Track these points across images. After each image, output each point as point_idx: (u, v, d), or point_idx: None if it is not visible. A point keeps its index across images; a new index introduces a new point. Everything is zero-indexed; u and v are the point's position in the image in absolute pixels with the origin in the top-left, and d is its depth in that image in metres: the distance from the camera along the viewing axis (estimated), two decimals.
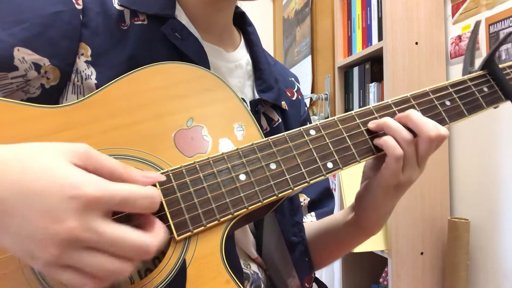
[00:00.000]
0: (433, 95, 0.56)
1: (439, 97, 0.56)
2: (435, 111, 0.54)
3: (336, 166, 0.48)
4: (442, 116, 0.54)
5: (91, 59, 0.50)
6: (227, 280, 0.41)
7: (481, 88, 0.59)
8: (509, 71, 0.62)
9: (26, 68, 0.46)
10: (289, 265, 0.62)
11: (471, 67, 0.62)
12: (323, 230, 0.66)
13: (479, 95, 0.58)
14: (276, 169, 0.46)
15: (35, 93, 0.48)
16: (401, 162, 0.49)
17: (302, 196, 0.71)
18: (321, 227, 0.67)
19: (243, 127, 0.49)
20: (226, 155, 0.45)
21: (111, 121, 0.44)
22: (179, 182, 0.42)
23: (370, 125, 0.51)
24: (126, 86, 0.46)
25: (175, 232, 0.41)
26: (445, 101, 0.56)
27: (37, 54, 0.46)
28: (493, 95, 0.59)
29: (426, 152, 0.50)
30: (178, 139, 0.45)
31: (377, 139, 0.51)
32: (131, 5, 0.53)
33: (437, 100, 0.55)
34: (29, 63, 0.46)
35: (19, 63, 0.45)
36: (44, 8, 0.48)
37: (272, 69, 0.67)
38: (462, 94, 0.57)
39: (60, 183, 0.31)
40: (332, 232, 0.65)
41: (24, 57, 0.46)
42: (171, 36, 0.54)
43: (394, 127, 0.50)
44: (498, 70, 0.60)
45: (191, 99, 0.48)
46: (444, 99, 0.56)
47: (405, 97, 0.55)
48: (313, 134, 0.49)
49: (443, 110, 0.55)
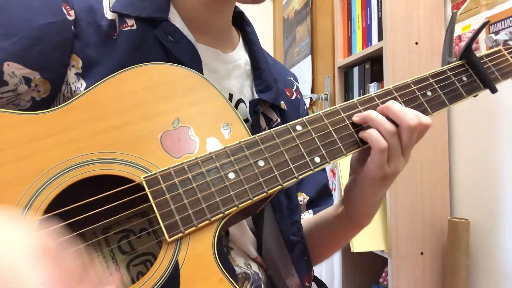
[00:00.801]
0: (414, 86, 0.56)
1: (421, 88, 0.57)
2: (417, 101, 0.55)
3: (323, 160, 0.49)
4: (424, 107, 0.55)
5: (81, 71, 0.49)
6: (221, 278, 0.41)
7: (461, 78, 0.60)
8: (486, 60, 0.63)
9: (16, 82, 0.45)
10: (288, 264, 0.62)
11: (450, 57, 0.63)
12: (318, 224, 0.67)
13: (459, 84, 0.59)
14: (265, 166, 0.46)
15: (25, 105, 0.47)
16: (385, 154, 0.50)
17: (302, 194, 0.71)
18: (316, 221, 0.68)
19: (229, 125, 0.49)
20: (214, 154, 0.45)
21: (98, 124, 0.44)
22: (168, 184, 0.42)
23: (354, 118, 0.52)
24: (111, 88, 0.46)
25: (166, 233, 0.40)
26: (426, 92, 0.57)
27: (27, 68, 0.46)
28: (472, 84, 0.60)
29: (409, 141, 0.51)
30: (164, 140, 0.45)
31: (362, 132, 0.51)
32: (124, 10, 0.53)
33: (418, 91, 0.56)
34: (19, 77, 0.45)
35: (8, 78, 0.45)
36: (34, 20, 0.47)
37: (271, 69, 0.67)
38: (443, 84, 0.58)
39: None
40: (326, 225, 0.65)
41: (14, 72, 0.45)
42: (164, 39, 0.53)
43: (377, 119, 0.50)
44: (476, 60, 0.61)
45: (176, 100, 0.48)
46: (425, 89, 0.57)
47: (388, 89, 0.55)
48: (299, 129, 0.50)
49: (424, 100, 0.56)
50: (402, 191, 1.37)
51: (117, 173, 0.42)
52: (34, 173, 0.40)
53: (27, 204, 0.39)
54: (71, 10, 0.50)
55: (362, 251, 1.44)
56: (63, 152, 0.42)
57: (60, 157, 0.41)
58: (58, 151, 0.42)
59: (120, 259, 0.49)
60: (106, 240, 0.49)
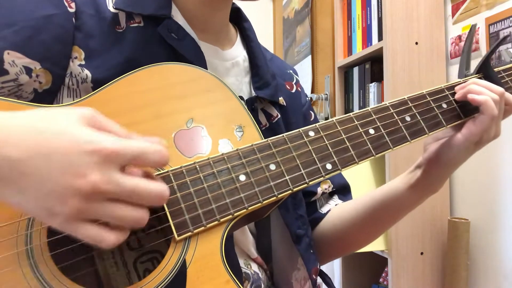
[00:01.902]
0: (430, 98, 0.57)
1: (436, 99, 0.57)
2: (432, 113, 0.56)
3: (335, 167, 0.49)
4: (439, 119, 0.56)
5: (85, 62, 0.50)
6: (227, 280, 0.41)
7: None
8: (504, 74, 0.63)
9: (16, 72, 0.46)
10: (294, 258, 0.63)
11: (467, 70, 0.63)
12: (377, 204, 0.65)
13: None
14: (276, 170, 0.46)
15: (28, 97, 0.48)
16: (495, 119, 0.55)
17: (327, 182, 0.72)
18: (373, 201, 0.66)
19: (242, 128, 0.49)
20: (226, 156, 0.45)
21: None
22: (179, 182, 0.42)
23: (457, 94, 0.57)
24: (125, 87, 0.46)
25: (175, 232, 0.41)
26: (441, 104, 0.57)
27: (27, 58, 0.46)
28: None
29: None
30: (177, 140, 0.45)
31: (475, 96, 0.55)
32: (126, 7, 0.53)
33: (434, 103, 0.57)
34: (19, 67, 0.46)
35: (9, 67, 0.45)
36: (35, 11, 0.47)
37: (269, 64, 0.67)
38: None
39: (76, 140, 0.33)
40: (390, 202, 0.65)
41: (15, 61, 0.45)
42: (167, 36, 0.54)
43: (484, 89, 0.55)
44: (493, 74, 0.61)
45: (190, 100, 0.48)
46: (440, 101, 0.57)
47: (403, 99, 0.56)
48: (312, 135, 0.50)
49: (439, 112, 0.56)
50: None
51: None
52: None
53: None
54: (72, 3, 0.50)
55: (362, 251, 1.44)
56: None
57: None
58: None
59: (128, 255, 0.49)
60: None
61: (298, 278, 0.63)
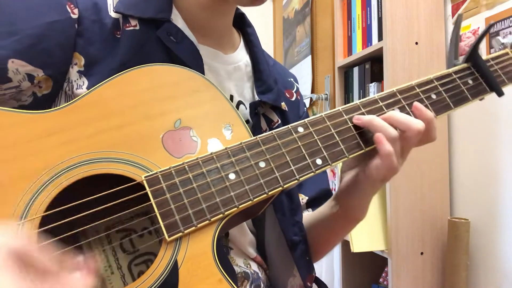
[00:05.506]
0: (419, 89, 0.56)
1: (425, 90, 0.56)
2: (422, 104, 0.55)
3: (325, 162, 0.49)
4: (429, 109, 0.55)
5: (84, 69, 0.50)
6: (220, 279, 0.41)
7: (466, 81, 0.59)
8: (493, 62, 0.62)
9: (19, 79, 0.46)
10: (290, 264, 0.62)
11: (456, 59, 0.62)
12: (313, 223, 0.67)
13: (464, 87, 0.58)
14: (266, 167, 0.46)
15: (26, 100, 0.48)
16: (393, 157, 0.50)
17: (301, 195, 0.71)
18: (313, 218, 0.68)
19: (231, 126, 0.49)
20: (215, 155, 0.45)
21: (99, 123, 0.44)
22: (168, 183, 0.42)
23: (355, 120, 0.52)
24: (114, 88, 0.46)
25: (166, 233, 0.40)
26: (431, 95, 0.56)
27: (31, 65, 0.46)
28: (478, 87, 0.59)
29: (413, 144, 0.52)
30: (166, 140, 0.45)
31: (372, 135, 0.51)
32: (127, 11, 0.53)
33: (423, 94, 0.56)
34: (23, 74, 0.46)
35: (13, 75, 0.45)
36: (38, 18, 0.47)
37: (272, 70, 0.67)
38: (448, 87, 0.57)
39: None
40: (322, 224, 0.65)
41: (18, 69, 0.46)
42: (166, 39, 0.54)
43: (381, 125, 0.50)
44: (482, 62, 0.60)
45: (179, 100, 0.48)
46: (430, 92, 0.56)
47: (391, 91, 0.55)
48: (301, 131, 0.50)
49: (429, 103, 0.55)
50: (402, 191, 1.37)
51: (118, 172, 0.42)
52: (35, 172, 0.40)
53: (28, 203, 0.39)
54: (75, 9, 0.50)
55: (362, 251, 1.44)
56: (64, 151, 0.42)
57: (61, 156, 0.41)
58: (59, 150, 0.42)
59: (122, 258, 0.49)
60: (108, 238, 0.49)
61: (293, 285, 0.62)
